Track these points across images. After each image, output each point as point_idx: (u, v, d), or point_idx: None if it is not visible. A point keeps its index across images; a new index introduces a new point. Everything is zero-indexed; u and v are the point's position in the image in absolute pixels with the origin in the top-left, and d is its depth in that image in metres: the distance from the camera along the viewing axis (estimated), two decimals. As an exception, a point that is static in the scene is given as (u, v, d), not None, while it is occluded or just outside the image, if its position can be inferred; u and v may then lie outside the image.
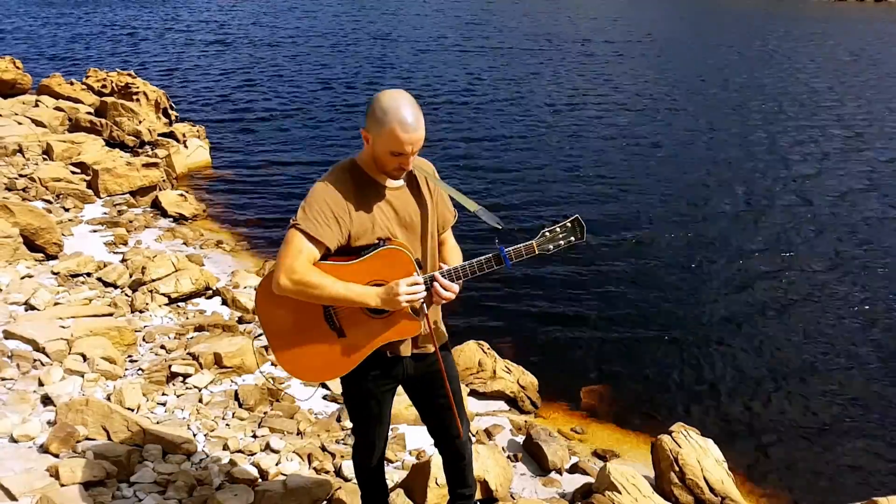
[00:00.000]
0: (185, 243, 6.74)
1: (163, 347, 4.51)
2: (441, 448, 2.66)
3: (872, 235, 8.02)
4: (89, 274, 5.46)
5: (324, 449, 3.71)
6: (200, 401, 3.97)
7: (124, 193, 7.62)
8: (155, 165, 7.96)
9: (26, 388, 3.69)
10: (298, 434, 3.84)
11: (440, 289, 2.16)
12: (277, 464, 3.45)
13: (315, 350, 2.26)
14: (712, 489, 3.72)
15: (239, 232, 7.37)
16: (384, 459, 2.73)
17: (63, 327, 4.32)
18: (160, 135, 9.69)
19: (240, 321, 5.10)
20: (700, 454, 3.85)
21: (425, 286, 2.17)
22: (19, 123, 8.73)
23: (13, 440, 3.22)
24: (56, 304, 4.77)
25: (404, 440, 3.99)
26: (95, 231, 6.58)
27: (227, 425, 3.78)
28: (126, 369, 4.21)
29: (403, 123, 2.02)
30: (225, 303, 5.39)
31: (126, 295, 5.24)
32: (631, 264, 7.13)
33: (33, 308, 4.63)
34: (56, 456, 3.12)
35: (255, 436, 3.72)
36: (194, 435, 3.58)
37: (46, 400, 3.60)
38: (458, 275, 2.19)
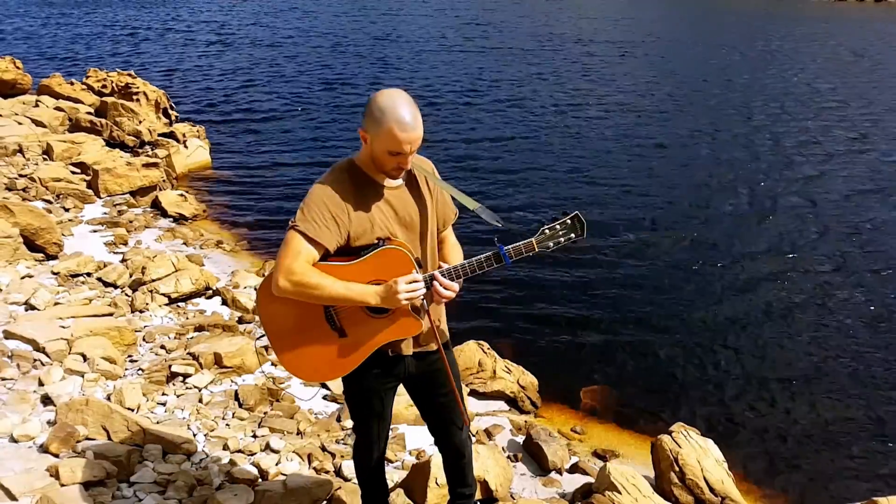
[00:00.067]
0: (185, 243, 6.74)
1: (163, 347, 4.51)
2: (441, 446, 2.67)
3: (877, 237, 7.98)
4: (89, 274, 5.46)
5: (324, 449, 3.71)
6: (200, 401, 3.97)
7: (124, 193, 7.62)
8: (155, 165, 7.96)
9: (26, 388, 3.70)
10: (298, 434, 3.84)
11: (440, 287, 2.16)
12: (277, 464, 3.45)
13: (316, 350, 2.26)
14: (712, 489, 3.72)
15: (239, 232, 7.37)
16: (384, 459, 2.73)
17: (63, 327, 4.32)
18: (160, 135, 9.69)
19: (240, 321, 5.10)
20: (700, 454, 3.85)
21: (425, 285, 2.17)
22: (19, 123, 8.73)
23: (13, 440, 3.22)
24: (56, 304, 4.77)
25: (404, 440, 3.99)
26: (95, 231, 6.58)
27: (227, 425, 3.78)
28: (126, 369, 4.21)
29: (401, 123, 2.01)
30: (225, 303, 5.40)
31: (126, 295, 5.25)
32: (632, 265, 7.12)
33: (33, 308, 4.63)
34: (56, 456, 3.13)
35: (255, 436, 3.72)
36: (194, 435, 3.59)
37: (46, 400, 3.61)
38: (458, 273, 2.19)
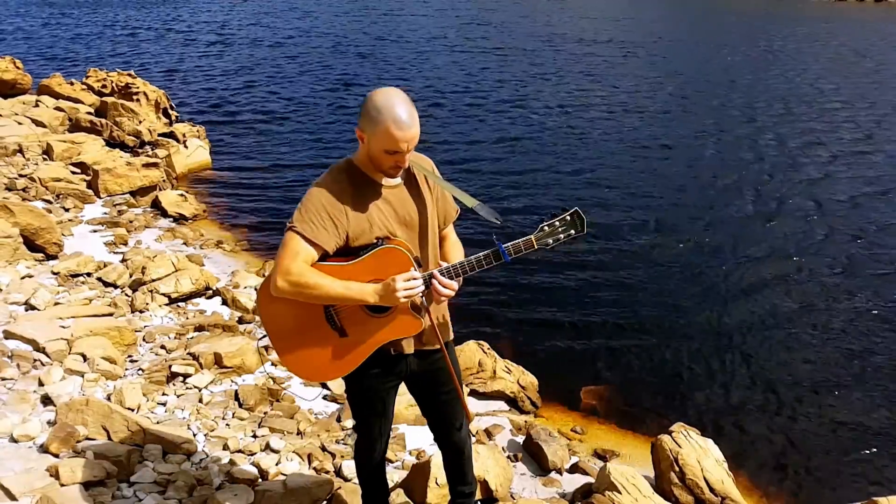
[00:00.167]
0: (185, 243, 6.74)
1: (163, 347, 4.51)
2: (441, 443, 2.67)
3: (882, 239, 7.92)
4: (89, 274, 5.46)
5: (324, 449, 3.71)
6: (200, 401, 3.98)
7: (124, 193, 7.62)
8: (155, 165, 7.96)
9: (26, 388, 3.70)
10: (298, 434, 3.84)
11: (439, 286, 2.16)
12: (277, 464, 3.45)
13: (317, 350, 2.26)
14: (712, 489, 3.72)
15: (239, 232, 7.37)
16: (385, 458, 2.73)
17: (63, 327, 4.32)
18: (160, 135, 9.69)
19: (240, 321, 5.10)
20: (700, 454, 3.85)
21: (424, 283, 2.17)
22: (19, 123, 8.73)
23: (13, 440, 3.22)
24: (56, 304, 4.77)
25: (404, 440, 3.99)
26: (95, 231, 6.58)
27: (228, 425, 3.78)
28: (126, 369, 4.21)
29: (398, 121, 2.01)
30: (225, 303, 5.40)
31: (126, 295, 5.25)
32: (632, 265, 7.12)
33: (33, 308, 4.63)
34: (56, 456, 3.13)
35: (255, 436, 3.72)
36: (194, 435, 3.59)
37: (46, 400, 3.61)
38: (457, 272, 2.19)
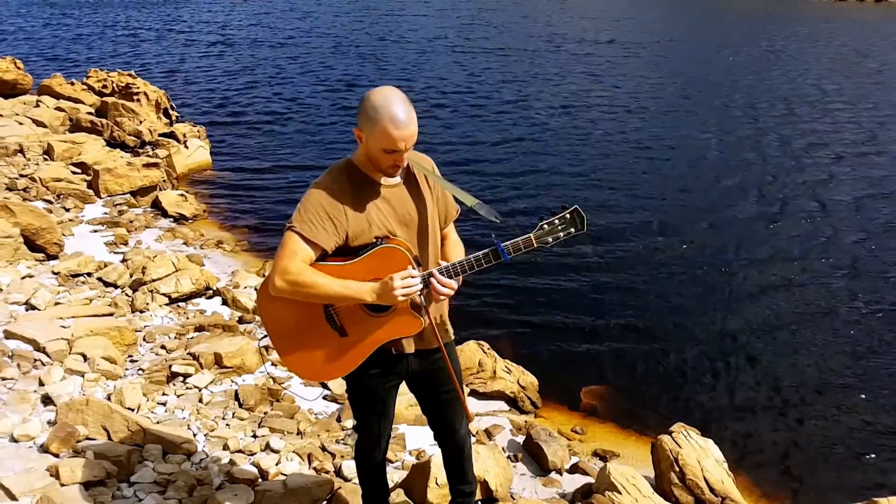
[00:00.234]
0: (186, 243, 6.75)
1: (163, 347, 4.51)
2: (441, 442, 2.67)
3: (887, 241, 7.86)
4: (90, 274, 5.47)
5: (324, 449, 3.71)
6: (201, 401, 3.98)
7: (125, 193, 7.63)
8: (155, 166, 7.97)
9: (27, 388, 3.70)
10: (298, 434, 3.84)
11: (438, 285, 2.16)
12: (277, 464, 3.45)
13: (318, 350, 2.26)
14: (712, 489, 3.72)
15: (239, 232, 7.37)
16: (386, 458, 2.73)
17: (63, 327, 4.33)
18: (161, 135, 9.69)
19: (240, 321, 5.11)
20: (700, 454, 3.85)
21: (424, 283, 2.17)
22: (20, 124, 8.74)
23: (13, 440, 3.22)
24: (56, 304, 4.78)
25: (404, 440, 3.99)
26: (96, 231, 6.58)
27: (228, 425, 3.79)
28: (126, 369, 4.21)
29: (395, 120, 2.01)
30: (225, 303, 5.40)
31: (126, 295, 5.25)
32: (633, 265, 7.11)
33: (34, 308, 4.64)
34: (56, 456, 3.13)
35: (256, 436, 3.72)
36: (194, 435, 3.59)
37: (47, 400, 3.61)
38: (456, 271, 2.19)
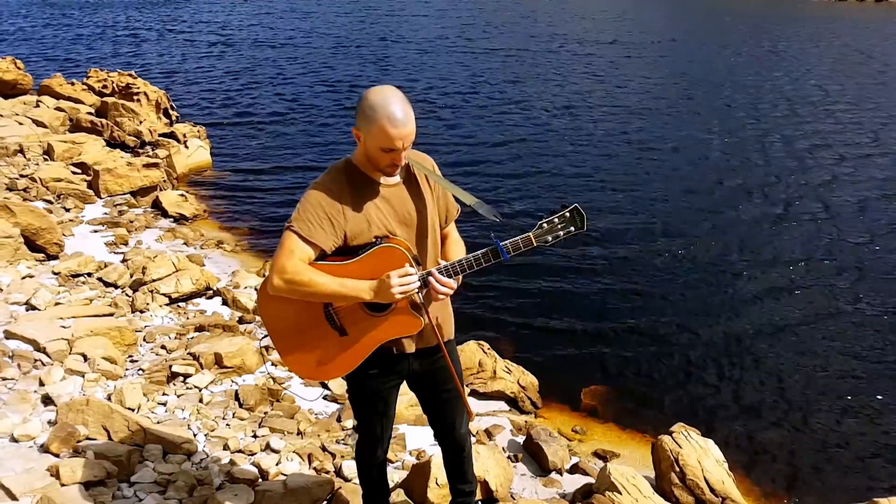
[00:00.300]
0: (186, 243, 6.75)
1: (163, 347, 4.51)
2: (441, 441, 2.68)
3: (890, 243, 7.82)
4: (90, 274, 5.47)
5: (324, 449, 3.71)
6: (201, 401, 3.98)
7: (125, 194, 7.63)
8: (155, 166, 7.97)
9: (27, 388, 3.70)
10: (299, 434, 3.84)
11: (436, 284, 2.16)
12: (278, 464, 3.45)
13: (318, 349, 2.27)
14: (713, 489, 3.72)
15: (239, 232, 7.38)
16: (386, 458, 2.73)
17: (64, 327, 4.33)
18: (161, 135, 9.69)
19: (240, 321, 5.11)
20: (700, 454, 3.85)
21: (423, 282, 2.17)
22: (20, 124, 8.74)
23: (14, 440, 3.22)
24: (57, 304, 4.78)
25: (404, 440, 3.99)
26: (96, 231, 6.58)
27: (228, 425, 3.79)
28: (126, 369, 4.22)
29: (392, 119, 2.01)
30: (225, 303, 5.40)
31: (127, 295, 5.25)
32: (634, 266, 7.11)
33: (34, 308, 4.64)
34: (56, 456, 3.13)
35: (256, 436, 3.72)
36: (195, 435, 3.59)
37: (47, 400, 3.61)
38: (455, 270, 2.19)
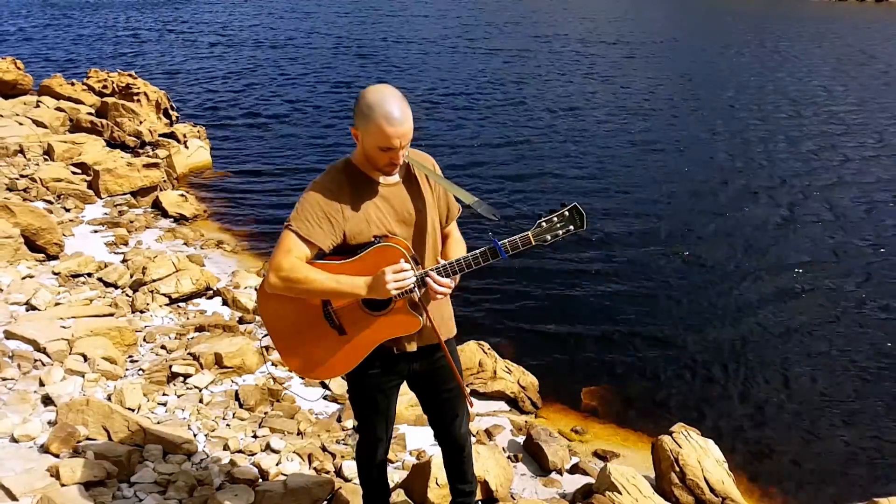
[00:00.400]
0: (186, 244, 6.75)
1: (163, 348, 4.51)
2: (442, 441, 2.68)
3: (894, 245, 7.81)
4: (90, 274, 5.47)
5: (324, 449, 3.71)
6: (201, 401, 3.98)
7: (125, 194, 7.63)
8: (156, 166, 7.97)
9: (27, 388, 3.70)
10: (299, 434, 3.84)
11: (433, 284, 2.16)
12: (278, 464, 3.45)
13: (317, 348, 2.27)
14: (713, 489, 3.72)
15: (239, 232, 7.38)
16: (386, 459, 2.73)
17: (64, 327, 4.33)
18: (161, 135, 9.69)
19: (240, 321, 5.11)
20: (700, 454, 3.85)
21: (421, 282, 2.17)
22: (20, 124, 8.74)
23: (14, 440, 3.22)
24: (57, 305, 4.78)
25: (404, 440, 3.99)
26: (96, 231, 6.58)
27: (228, 425, 3.79)
28: (127, 369, 4.22)
29: (389, 117, 2.01)
30: (225, 303, 5.40)
31: (127, 295, 5.25)
32: (635, 267, 7.10)
33: (34, 308, 4.64)
34: (56, 456, 3.13)
35: (256, 436, 3.72)
36: (195, 435, 3.59)
37: (47, 400, 3.61)
38: (454, 269, 2.19)
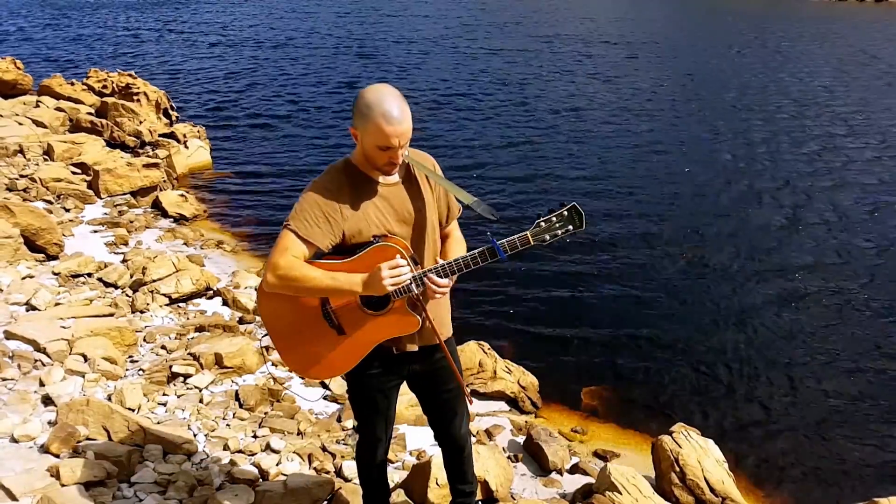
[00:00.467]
0: (186, 244, 6.75)
1: (163, 348, 4.51)
2: (442, 441, 2.68)
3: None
4: (90, 274, 5.47)
5: (324, 449, 3.71)
6: (201, 401, 3.98)
7: (125, 194, 7.63)
8: (155, 166, 7.97)
9: (27, 389, 3.70)
10: (299, 434, 3.84)
11: (431, 284, 2.17)
12: (278, 464, 3.45)
13: (316, 348, 2.27)
14: (713, 489, 3.72)
15: (239, 232, 7.38)
16: (387, 459, 2.74)
17: (64, 328, 4.33)
18: (161, 135, 9.69)
19: (240, 321, 5.11)
20: (700, 454, 3.85)
21: (419, 282, 2.17)
22: (20, 124, 8.74)
23: (14, 440, 3.22)
24: (57, 305, 4.78)
25: (404, 440, 3.99)
26: (96, 231, 6.58)
27: (228, 425, 3.79)
28: (127, 369, 4.22)
29: (388, 117, 2.01)
30: (225, 303, 5.40)
31: (127, 295, 5.25)
32: (636, 268, 7.09)
33: (34, 308, 4.64)
34: (57, 456, 3.13)
35: (256, 436, 3.72)
36: (195, 435, 3.59)
37: (47, 400, 3.61)
38: (452, 269, 2.19)
